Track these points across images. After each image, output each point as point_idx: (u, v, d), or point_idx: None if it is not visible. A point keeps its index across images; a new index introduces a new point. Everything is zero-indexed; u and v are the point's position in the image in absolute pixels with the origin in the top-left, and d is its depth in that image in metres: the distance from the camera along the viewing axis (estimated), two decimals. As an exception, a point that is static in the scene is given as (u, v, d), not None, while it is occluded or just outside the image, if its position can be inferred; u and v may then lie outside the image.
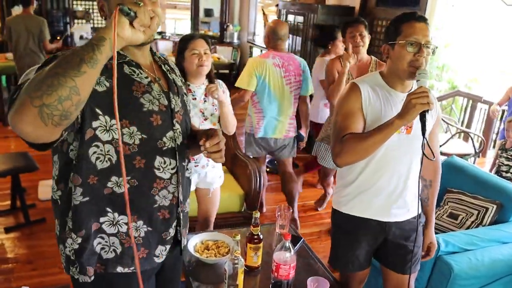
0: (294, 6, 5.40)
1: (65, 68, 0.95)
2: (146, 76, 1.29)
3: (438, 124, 1.90)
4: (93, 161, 1.22)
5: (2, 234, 3.26)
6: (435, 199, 1.96)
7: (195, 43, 2.31)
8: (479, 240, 2.37)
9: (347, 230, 1.92)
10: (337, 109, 1.79)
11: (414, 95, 1.50)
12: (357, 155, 1.65)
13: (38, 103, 0.92)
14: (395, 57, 1.69)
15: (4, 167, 3.27)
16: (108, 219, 1.28)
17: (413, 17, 1.67)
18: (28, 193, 3.81)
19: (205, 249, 2.06)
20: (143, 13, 1.05)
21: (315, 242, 3.38)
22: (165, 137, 1.31)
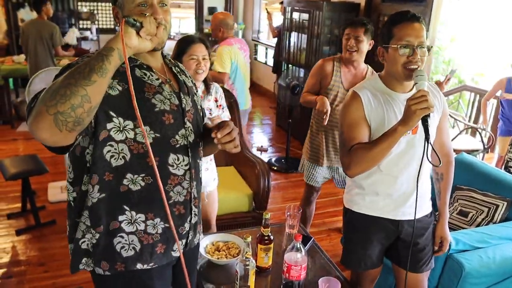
0: (299, 3, 5.38)
1: (76, 78, 1.02)
2: (157, 78, 1.35)
3: (446, 118, 1.88)
4: (108, 159, 1.27)
5: (14, 237, 3.29)
6: (447, 193, 1.95)
7: (194, 48, 2.26)
8: (490, 237, 2.36)
9: (359, 229, 1.93)
10: (341, 120, 1.79)
11: (413, 100, 1.49)
12: (366, 164, 1.66)
13: (53, 111, 1.00)
14: (390, 60, 1.68)
15: (14, 170, 3.30)
16: (126, 218, 1.33)
17: (405, 18, 1.64)
18: (38, 195, 3.84)
19: (215, 251, 2.07)
20: (148, 23, 1.11)
21: (325, 241, 3.39)
22: (177, 135, 1.37)
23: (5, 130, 5.60)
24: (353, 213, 1.91)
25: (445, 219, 1.95)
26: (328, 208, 3.96)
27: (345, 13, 4.96)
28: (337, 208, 3.94)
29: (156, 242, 1.37)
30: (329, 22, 4.92)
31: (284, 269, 1.85)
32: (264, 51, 8.11)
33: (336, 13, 4.92)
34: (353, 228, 1.96)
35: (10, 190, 3.90)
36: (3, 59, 5.74)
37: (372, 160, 1.64)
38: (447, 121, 1.90)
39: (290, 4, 5.59)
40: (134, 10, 1.24)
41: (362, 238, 1.91)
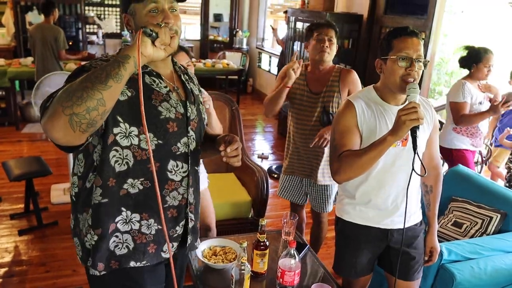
0: (303, 13, 5.46)
1: (93, 82, 1.07)
2: (165, 85, 1.40)
3: (436, 131, 1.94)
4: (113, 164, 1.33)
5: (16, 237, 3.35)
6: (436, 205, 2.00)
7: (177, 57, 2.26)
8: (483, 249, 2.40)
9: (349, 237, 1.97)
10: (333, 127, 1.84)
11: (403, 111, 1.53)
12: (355, 171, 1.70)
13: (68, 112, 1.04)
14: (388, 72, 1.74)
15: (19, 171, 3.37)
16: (122, 218, 1.39)
17: (404, 32, 1.71)
18: (41, 197, 3.90)
19: (212, 255, 2.12)
20: (163, 34, 1.16)
21: (321, 249, 3.40)
22: (179, 142, 1.42)
23: (10, 131, 5.68)
24: (344, 222, 1.96)
25: (434, 230, 2.00)
26: (326, 216, 4.00)
27: (348, 24, 5.03)
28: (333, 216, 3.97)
29: (148, 242, 1.43)
30: (332, 32, 4.98)
31: (278, 274, 1.90)
32: (268, 59, 8.18)
33: (339, 23, 4.98)
34: (344, 237, 2.01)
35: (14, 191, 3.97)
36: (10, 61, 5.83)
37: (361, 167, 1.68)
38: (437, 134, 1.95)
39: (294, 14, 5.66)
40: (146, 16, 1.29)
41: (353, 247, 1.96)
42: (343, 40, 5.10)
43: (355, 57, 5.17)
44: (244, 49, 8.56)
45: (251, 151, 5.63)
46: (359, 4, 5.11)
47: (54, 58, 5.20)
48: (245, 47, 8.62)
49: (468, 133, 3.40)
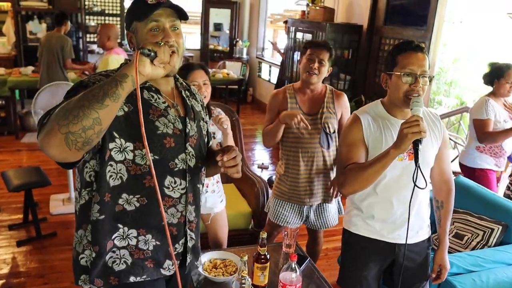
0: (303, 24, 5.49)
1: (90, 100, 1.06)
2: (164, 101, 1.39)
3: (446, 145, 1.92)
4: (108, 179, 1.32)
5: (14, 248, 3.32)
6: (447, 221, 1.97)
7: (194, 74, 2.28)
8: (484, 261, 2.39)
9: (356, 250, 1.96)
10: (340, 141, 1.86)
11: (406, 124, 1.53)
12: (360, 184, 1.71)
13: (64, 131, 1.04)
14: (392, 87, 1.74)
15: (18, 182, 3.35)
16: (119, 234, 1.38)
17: (409, 47, 1.71)
18: (40, 207, 3.89)
19: (213, 268, 2.10)
20: (163, 53, 1.14)
21: (321, 260, 3.40)
22: (177, 158, 1.40)
23: (10, 140, 5.68)
24: (351, 234, 1.95)
25: (445, 247, 1.96)
26: (326, 227, 3.98)
27: (348, 34, 5.05)
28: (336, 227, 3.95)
29: (146, 258, 1.41)
30: (332, 43, 4.97)
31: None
32: (268, 68, 8.20)
33: (339, 34, 5.01)
34: (351, 249, 1.99)
35: (13, 201, 3.95)
36: (10, 71, 5.83)
37: (365, 180, 1.68)
38: (447, 149, 1.94)
39: (294, 25, 5.69)
40: (147, 35, 1.30)
41: (360, 260, 1.94)
42: (343, 51, 5.12)
43: (355, 68, 5.19)
44: (244, 59, 8.59)
45: (251, 161, 5.62)
46: (359, 15, 5.13)
47: (59, 67, 5.26)
48: (245, 57, 8.65)
49: (491, 152, 3.33)
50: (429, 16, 4.18)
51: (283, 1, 8.58)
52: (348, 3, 5.34)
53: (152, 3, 1.29)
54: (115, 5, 7.98)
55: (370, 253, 1.92)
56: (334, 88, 2.63)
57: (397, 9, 4.70)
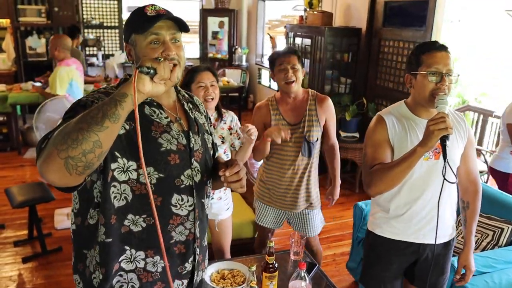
0: (302, 29, 5.48)
1: (89, 123, 1.02)
2: (166, 116, 1.35)
3: (472, 145, 1.92)
4: (112, 201, 1.27)
5: (20, 264, 3.30)
6: (474, 222, 1.97)
7: (201, 76, 2.30)
8: (496, 262, 2.35)
9: (380, 252, 1.97)
10: (366, 142, 1.87)
11: (432, 121, 1.54)
12: (386, 184, 1.71)
13: (64, 156, 1.00)
14: (418, 87, 1.75)
15: (22, 198, 3.34)
16: (126, 257, 1.32)
17: (433, 47, 1.73)
18: (44, 222, 3.87)
19: (221, 279, 2.07)
20: (162, 69, 1.09)
21: (330, 266, 3.37)
22: (182, 175, 1.35)
23: (13, 156, 5.67)
24: (375, 236, 1.96)
25: (470, 248, 1.96)
26: (333, 232, 3.96)
27: (347, 38, 5.04)
28: (342, 232, 3.94)
29: (155, 281, 1.36)
30: (331, 47, 5.00)
31: (289, 297, 1.85)
32: (268, 75, 8.19)
33: (338, 38, 5.00)
34: (375, 251, 2.00)
35: (17, 217, 3.94)
36: (11, 87, 5.83)
37: (392, 180, 1.69)
38: (473, 149, 1.93)
39: (292, 30, 5.69)
40: (146, 48, 1.26)
41: (383, 261, 1.96)
42: (343, 54, 5.10)
43: (355, 71, 5.17)
44: (244, 66, 8.59)
45: (254, 168, 5.59)
46: (357, 18, 5.13)
47: None
48: (244, 64, 8.65)
49: None
50: (428, 16, 4.17)
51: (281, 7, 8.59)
52: (346, 6, 5.34)
53: (151, 15, 1.25)
54: (113, 17, 8.01)
55: (394, 254, 1.94)
56: (317, 93, 2.60)
57: (395, 10, 4.68)
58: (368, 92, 5.07)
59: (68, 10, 7.23)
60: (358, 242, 3.02)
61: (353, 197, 4.71)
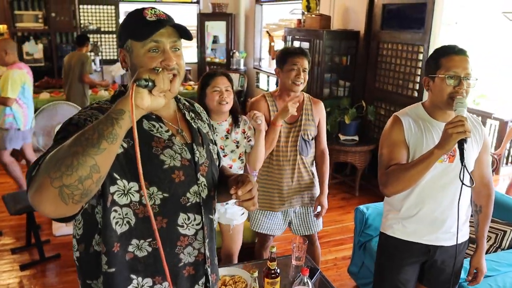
0: (300, 32, 5.47)
1: (84, 146, 0.91)
2: (167, 129, 1.26)
3: (486, 151, 1.93)
4: (114, 227, 1.17)
5: (18, 272, 3.27)
6: (486, 226, 1.98)
7: (216, 80, 2.32)
8: (499, 265, 2.34)
9: (392, 253, 1.99)
10: (382, 142, 1.88)
11: (450, 124, 1.55)
12: (402, 184, 1.73)
13: (58, 184, 0.90)
14: (436, 90, 1.76)
15: (19, 206, 3.30)
16: (133, 286, 1.23)
17: (452, 51, 1.74)
18: (43, 229, 3.83)
19: (222, 285, 2.05)
20: (161, 81, 0.99)
21: (331, 271, 3.35)
22: (188, 192, 1.26)
23: (10, 162, 5.62)
24: (387, 237, 1.98)
25: (482, 250, 1.98)
26: (334, 236, 3.93)
27: (345, 41, 5.04)
28: (343, 236, 3.92)
29: None
30: (329, 50, 4.99)
31: (292, 303, 1.83)
32: (266, 78, 8.18)
33: (336, 41, 4.99)
34: (387, 252, 2.01)
35: (15, 224, 3.90)
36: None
37: (408, 180, 1.70)
38: (487, 154, 1.94)
39: (290, 33, 5.68)
40: (144, 56, 1.16)
41: (396, 263, 1.96)
42: (341, 57, 5.10)
43: (354, 74, 5.16)
44: (242, 70, 8.58)
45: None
46: (355, 21, 5.12)
47: (80, 84, 5.45)
48: (242, 68, 8.64)
49: None
50: (426, 18, 4.16)
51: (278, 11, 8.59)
52: (344, 9, 5.33)
53: (151, 20, 1.15)
54: (110, 22, 7.99)
55: (406, 255, 1.95)
56: (311, 96, 2.68)
57: (394, 13, 4.68)
58: (367, 95, 5.06)
59: (65, 16, 7.21)
60: (359, 246, 3.00)
61: (353, 200, 4.68)
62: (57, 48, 7.37)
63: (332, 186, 4.93)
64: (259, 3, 8.19)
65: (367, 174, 4.95)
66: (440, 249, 1.91)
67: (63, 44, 7.48)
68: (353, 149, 4.67)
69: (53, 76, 7.02)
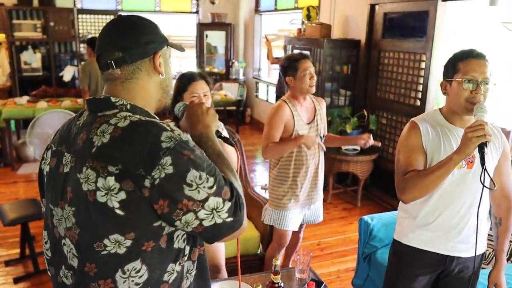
0: (300, 41, 5.44)
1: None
2: None
3: (507, 159, 1.87)
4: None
5: (11, 285, 3.17)
6: (506, 240, 1.90)
7: (195, 86, 2.19)
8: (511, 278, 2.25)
9: (406, 262, 1.92)
10: (399, 148, 1.85)
11: (470, 128, 1.52)
12: (420, 191, 1.69)
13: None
14: (453, 94, 1.72)
15: (13, 215, 3.21)
16: None
17: (470, 55, 1.70)
18: (37, 240, 3.72)
19: (223, 299, 1.96)
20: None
21: (334, 283, 3.26)
22: None
23: (6, 172, 5.53)
24: (402, 245, 1.92)
25: (501, 265, 1.90)
26: (336, 247, 3.84)
27: (346, 49, 5.00)
28: (346, 247, 3.83)
29: None
30: (330, 59, 4.95)
31: (297, 319, 1.75)
32: (265, 88, 8.14)
33: (337, 50, 4.95)
34: (400, 261, 1.95)
35: (9, 235, 3.80)
36: (5, 101, 5.73)
37: (426, 187, 1.67)
38: (508, 163, 1.88)
39: (290, 43, 5.64)
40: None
41: (409, 272, 1.90)
42: (342, 66, 5.05)
43: (355, 83, 5.12)
44: (241, 80, 8.54)
45: (253, 183, 5.49)
46: (356, 30, 5.09)
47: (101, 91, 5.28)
48: (241, 78, 8.61)
49: None
50: (428, 27, 4.12)
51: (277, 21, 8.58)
52: (344, 18, 5.30)
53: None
54: (109, 32, 7.97)
55: (420, 264, 1.89)
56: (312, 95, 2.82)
57: (395, 22, 4.65)
58: (369, 104, 5.00)
59: (64, 25, 7.18)
60: (364, 258, 2.91)
61: (355, 211, 4.60)
62: (55, 58, 7.33)
63: (334, 197, 4.86)
64: (259, 13, 8.19)
65: (369, 184, 4.88)
66: (457, 259, 1.85)
67: (62, 53, 7.43)
68: (355, 158, 4.60)
69: (51, 85, 6.95)
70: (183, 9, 8.64)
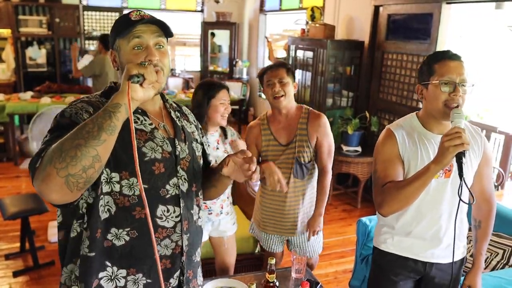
0: (303, 41, 5.43)
1: (86, 138, 1.02)
2: (151, 122, 1.33)
3: (487, 164, 1.79)
4: (100, 213, 1.24)
5: (10, 278, 3.19)
6: (484, 243, 1.87)
7: (224, 93, 2.33)
8: (508, 282, 2.24)
9: (386, 268, 1.89)
10: (375, 157, 1.77)
11: (446, 137, 1.44)
12: (399, 203, 1.61)
13: (64, 174, 1.00)
14: (430, 98, 1.66)
15: (14, 209, 3.23)
16: (107, 274, 1.28)
17: (446, 56, 1.65)
18: (38, 235, 3.76)
19: (218, 297, 1.97)
20: (150, 74, 1.10)
21: (331, 284, 3.26)
22: (168, 184, 1.31)
23: (9, 167, 5.57)
24: (381, 252, 1.88)
25: (477, 269, 1.87)
26: (335, 248, 3.84)
27: (349, 50, 4.99)
28: (344, 248, 3.83)
29: None
30: (333, 60, 4.94)
31: (291, 318, 1.75)
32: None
33: (341, 51, 4.94)
34: (380, 267, 1.92)
35: (10, 229, 3.82)
36: (9, 96, 5.77)
37: (405, 199, 1.59)
38: (489, 166, 1.81)
39: (294, 43, 5.64)
40: (130, 54, 1.24)
41: (390, 278, 1.86)
42: (345, 67, 5.05)
43: (358, 84, 5.11)
44: (244, 79, 8.55)
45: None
46: (359, 31, 5.08)
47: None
48: (245, 77, 8.61)
49: None
50: (432, 29, 4.11)
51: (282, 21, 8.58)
52: (349, 19, 5.30)
53: (135, 19, 1.24)
54: (114, 29, 8.00)
55: (400, 271, 1.85)
56: (311, 109, 2.44)
57: (399, 23, 4.63)
58: (371, 105, 5.00)
59: (69, 21, 7.21)
60: (362, 260, 2.91)
61: (355, 212, 4.60)
62: (60, 54, 7.36)
63: (334, 198, 4.85)
64: (263, 12, 8.19)
65: (370, 186, 4.87)
66: (436, 266, 1.81)
67: (67, 50, 7.46)
68: (356, 160, 4.60)
69: (55, 81, 6.98)
70: (188, 7, 8.65)
